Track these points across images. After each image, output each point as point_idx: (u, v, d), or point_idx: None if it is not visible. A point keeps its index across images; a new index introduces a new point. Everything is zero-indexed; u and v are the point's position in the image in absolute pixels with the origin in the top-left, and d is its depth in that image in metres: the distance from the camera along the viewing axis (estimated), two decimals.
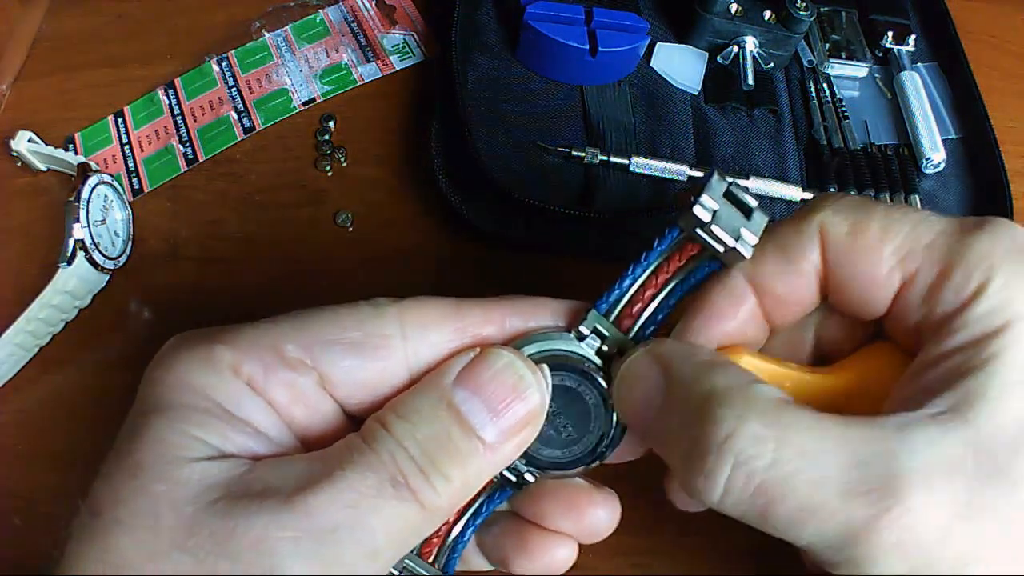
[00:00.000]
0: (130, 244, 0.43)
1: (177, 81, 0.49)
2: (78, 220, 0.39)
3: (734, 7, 0.49)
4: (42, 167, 0.45)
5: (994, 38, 0.57)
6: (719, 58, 0.50)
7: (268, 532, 0.21)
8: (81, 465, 0.37)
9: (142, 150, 0.47)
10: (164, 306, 0.42)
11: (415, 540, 0.24)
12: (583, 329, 0.26)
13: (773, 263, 0.26)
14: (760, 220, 0.25)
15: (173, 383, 0.23)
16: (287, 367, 0.24)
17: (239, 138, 0.47)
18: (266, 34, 0.52)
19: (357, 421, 0.25)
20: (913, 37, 0.53)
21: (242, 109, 0.48)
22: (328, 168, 0.47)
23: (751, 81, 0.49)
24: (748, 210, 0.25)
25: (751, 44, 0.50)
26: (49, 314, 0.39)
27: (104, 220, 0.41)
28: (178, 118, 0.48)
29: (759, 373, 0.25)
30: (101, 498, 0.22)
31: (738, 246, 0.25)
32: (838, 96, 0.51)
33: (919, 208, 0.25)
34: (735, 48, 0.50)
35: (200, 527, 0.21)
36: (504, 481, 0.27)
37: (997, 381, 0.21)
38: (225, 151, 0.47)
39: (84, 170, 0.41)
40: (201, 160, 0.47)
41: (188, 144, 0.47)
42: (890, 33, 0.53)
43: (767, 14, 0.50)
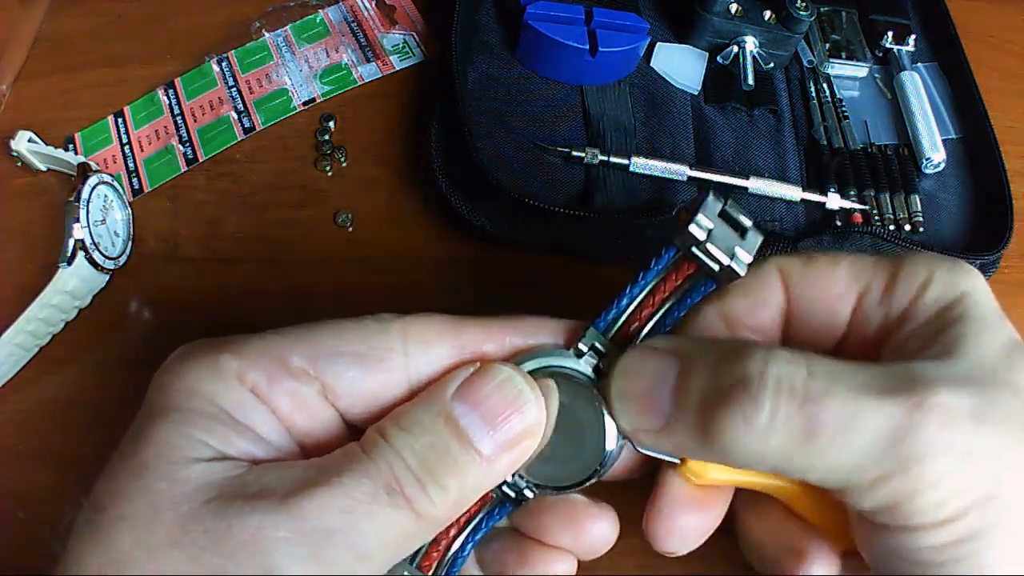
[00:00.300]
0: (130, 244, 0.43)
1: (177, 81, 0.49)
2: (78, 220, 0.39)
3: (734, 7, 0.49)
4: (42, 167, 0.45)
5: (994, 38, 0.57)
6: (719, 58, 0.50)
7: (261, 532, 0.21)
8: (81, 465, 0.37)
9: (142, 150, 0.47)
10: (164, 306, 0.42)
11: (409, 548, 0.24)
12: (581, 346, 0.27)
13: (740, 298, 0.28)
14: (754, 239, 0.26)
15: (180, 388, 0.24)
16: (291, 376, 0.25)
17: (239, 138, 0.47)
18: (266, 34, 0.52)
19: (356, 431, 0.26)
20: (913, 37, 0.53)
21: (242, 109, 0.48)
22: (328, 168, 0.47)
23: (751, 81, 0.49)
24: (743, 229, 0.26)
25: (751, 44, 0.50)
26: (49, 314, 0.39)
27: (104, 220, 0.41)
28: (178, 118, 0.48)
29: None
30: (104, 495, 0.23)
31: (733, 264, 0.25)
32: (838, 96, 0.51)
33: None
34: (735, 48, 0.50)
35: (195, 524, 0.21)
36: (504, 497, 0.27)
37: (970, 330, 0.24)
38: (225, 151, 0.47)
39: (84, 170, 0.41)
40: (201, 160, 0.47)
41: (188, 144, 0.47)
42: (890, 33, 0.53)
43: (767, 14, 0.50)
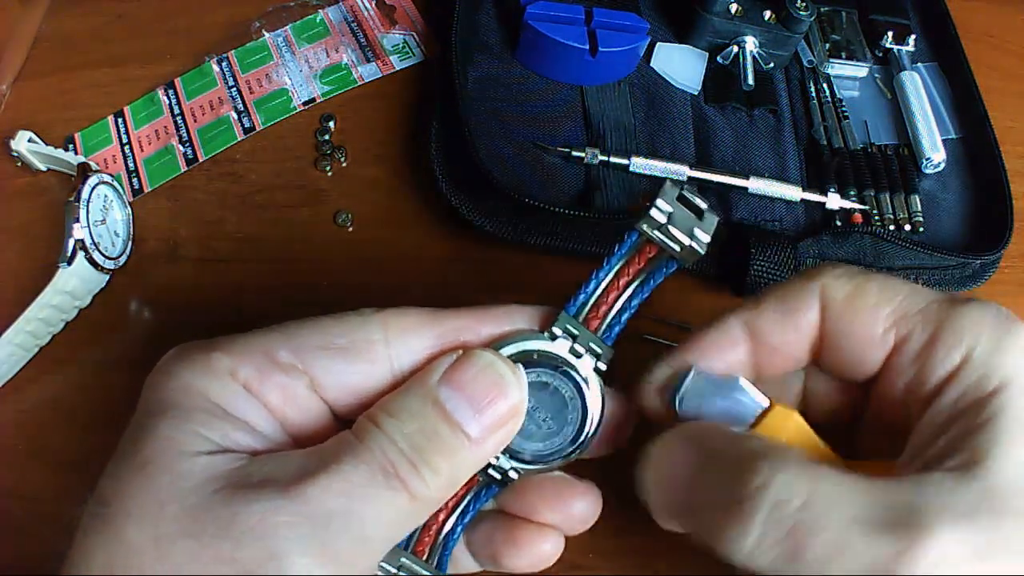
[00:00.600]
0: (130, 244, 0.43)
1: (177, 81, 0.49)
2: (78, 220, 0.39)
3: (734, 7, 0.49)
4: (42, 167, 0.45)
5: (994, 38, 0.57)
6: (719, 58, 0.50)
7: (267, 517, 0.22)
8: (81, 465, 0.37)
9: (142, 150, 0.47)
10: (164, 306, 0.42)
11: (404, 531, 0.26)
12: (555, 330, 0.28)
13: (772, 313, 0.28)
14: (711, 220, 0.27)
15: (175, 387, 0.25)
16: (280, 371, 0.26)
17: (239, 138, 0.47)
18: (266, 34, 0.52)
19: (344, 421, 0.27)
20: (913, 37, 0.53)
21: (242, 109, 0.48)
22: (328, 168, 0.47)
23: (751, 81, 0.49)
24: (700, 212, 0.27)
25: (751, 44, 0.50)
26: (49, 314, 0.39)
27: (104, 220, 0.41)
28: (178, 118, 0.48)
29: (800, 437, 0.27)
30: (109, 492, 0.23)
31: (693, 244, 0.26)
32: (838, 96, 0.51)
33: (911, 282, 0.28)
34: (735, 48, 0.50)
35: (203, 514, 0.22)
36: (489, 479, 0.28)
37: (1000, 437, 0.23)
38: (225, 151, 0.47)
39: (84, 170, 0.41)
40: (201, 160, 0.47)
41: (188, 144, 0.47)
42: (890, 33, 0.53)
43: (767, 14, 0.50)
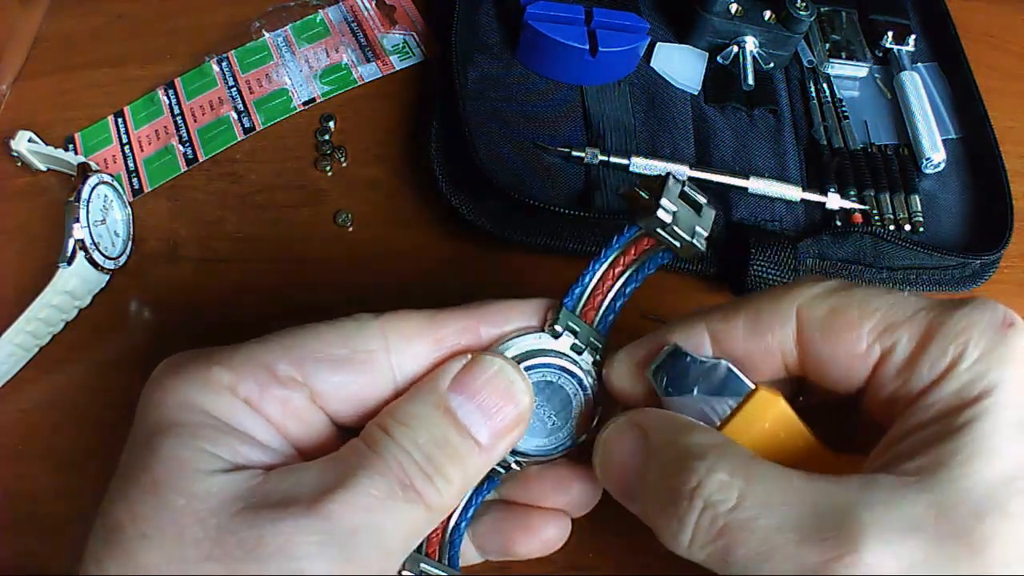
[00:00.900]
0: (130, 244, 0.43)
1: (177, 81, 0.49)
2: (78, 220, 0.39)
3: (734, 7, 0.49)
4: (42, 167, 0.45)
5: (994, 38, 0.57)
6: (719, 58, 0.50)
7: (294, 537, 0.22)
8: (81, 465, 0.37)
9: (142, 150, 0.47)
10: (164, 306, 0.42)
11: (419, 539, 0.26)
12: (557, 327, 0.28)
13: (742, 327, 0.27)
14: (709, 214, 0.27)
15: (176, 403, 0.25)
16: (280, 385, 0.26)
17: (239, 138, 0.47)
18: (266, 34, 0.52)
19: (345, 430, 0.27)
20: (913, 37, 0.53)
21: (242, 109, 0.48)
22: (328, 168, 0.47)
23: (751, 81, 0.49)
24: (699, 207, 0.27)
25: (751, 44, 0.50)
26: (49, 314, 0.39)
27: (104, 220, 0.41)
28: (178, 118, 0.48)
29: (782, 422, 0.26)
30: (120, 515, 0.23)
31: (694, 241, 0.27)
32: (838, 96, 0.51)
33: (896, 290, 0.26)
34: (735, 48, 0.50)
35: (227, 537, 0.22)
36: (492, 472, 0.29)
37: (966, 449, 0.22)
38: (225, 151, 0.47)
39: (84, 170, 0.41)
40: (201, 160, 0.47)
41: (188, 144, 0.47)
42: (890, 33, 0.53)
43: (767, 14, 0.50)
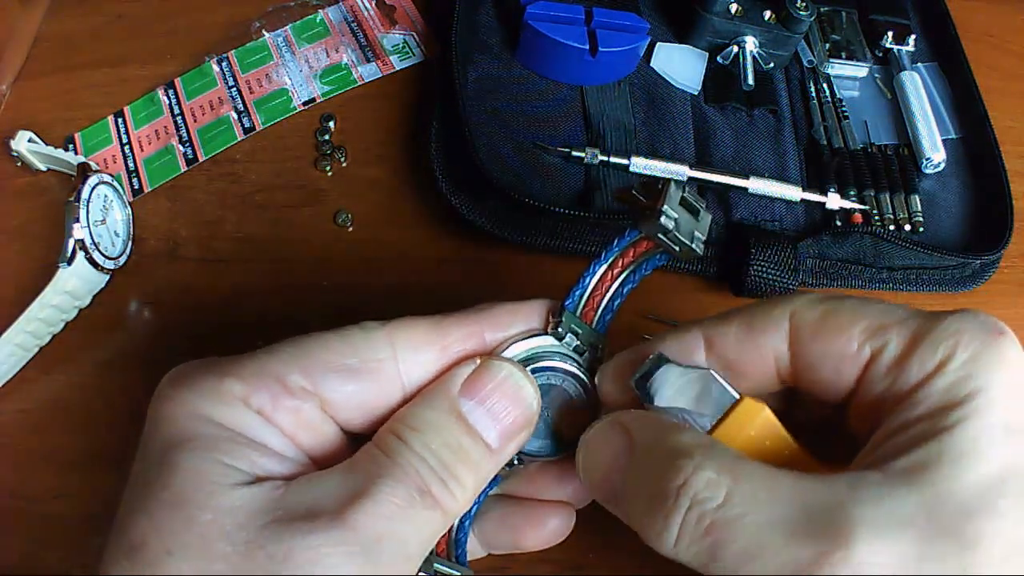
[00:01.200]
0: (130, 244, 0.43)
1: (177, 81, 0.49)
2: (78, 220, 0.39)
3: (734, 7, 0.49)
4: (42, 167, 0.45)
5: (994, 38, 0.57)
6: (719, 58, 0.50)
7: (322, 549, 0.22)
8: (81, 465, 0.37)
9: (142, 150, 0.47)
10: (164, 306, 0.42)
11: (435, 541, 0.26)
12: (561, 330, 0.29)
13: (735, 331, 0.27)
14: (706, 219, 0.28)
15: (190, 416, 0.25)
16: (292, 395, 0.26)
17: (239, 138, 0.47)
18: (266, 34, 0.52)
19: (354, 437, 0.27)
20: (913, 37, 0.53)
21: (242, 109, 0.48)
22: (328, 168, 0.47)
23: (751, 81, 0.49)
24: (697, 212, 0.28)
25: (751, 44, 0.50)
26: (49, 314, 0.39)
27: (104, 220, 0.41)
28: (178, 118, 0.48)
29: (767, 432, 0.26)
30: (143, 531, 0.23)
31: (693, 245, 0.28)
32: (838, 96, 0.51)
33: (884, 301, 0.27)
34: (735, 48, 0.50)
35: (256, 551, 0.22)
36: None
37: (954, 449, 0.22)
38: (225, 151, 0.47)
39: (84, 170, 0.41)
40: (201, 160, 0.47)
41: (188, 144, 0.47)
42: (890, 33, 0.53)
43: (767, 14, 0.50)
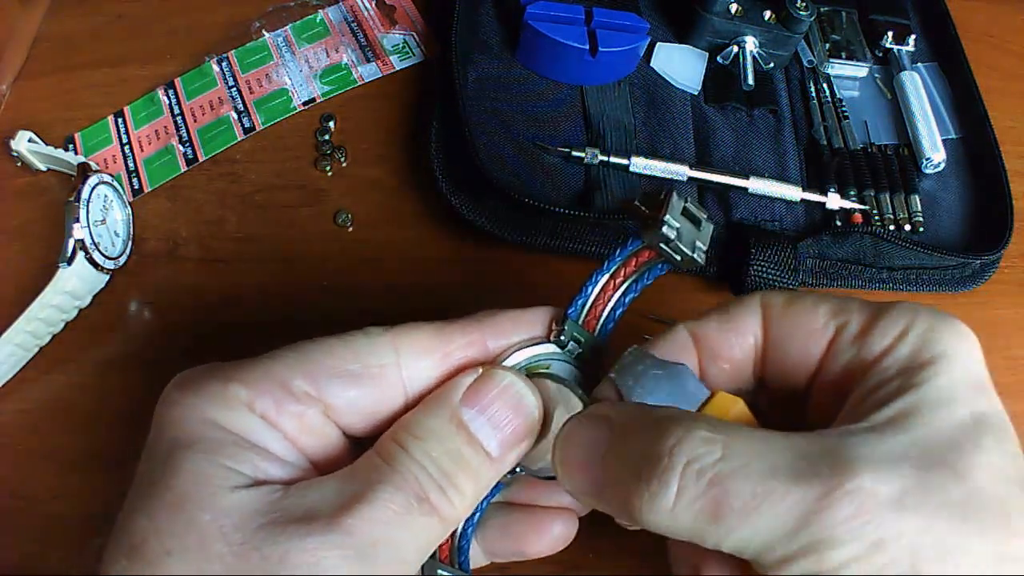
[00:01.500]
0: (130, 244, 0.43)
1: (177, 81, 0.49)
2: (78, 220, 0.39)
3: (734, 7, 0.49)
4: (42, 167, 0.45)
5: (994, 38, 0.57)
6: (719, 58, 0.50)
7: (317, 552, 0.22)
8: (81, 465, 0.37)
9: (142, 150, 0.47)
10: (164, 306, 0.42)
11: (433, 547, 0.26)
12: (564, 338, 0.29)
13: (716, 321, 0.28)
14: (707, 229, 0.29)
15: (195, 419, 0.25)
16: (296, 401, 0.26)
17: (239, 138, 0.47)
18: (266, 34, 0.52)
19: (356, 442, 0.28)
20: (913, 37, 0.53)
21: (242, 109, 0.48)
22: (328, 168, 0.47)
23: (751, 81, 0.49)
24: (699, 221, 0.28)
25: (751, 44, 0.50)
26: (49, 314, 0.39)
27: (104, 220, 0.41)
28: (178, 118, 0.48)
29: (742, 421, 0.26)
30: (143, 531, 0.23)
31: (695, 255, 0.28)
32: (838, 96, 0.51)
33: None
34: (735, 48, 0.50)
35: (251, 552, 0.22)
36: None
37: (930, 398, 0.23)
38: (225, 151, 0.47)
39: (84, 170, 0.41)
40: (201, 160, 0.47)
41: (188, 144, 0.47)
42: (890, 33, 0.53)
43: (767, 14, 0.50)
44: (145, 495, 0.24)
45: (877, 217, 0.46)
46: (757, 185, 0.45)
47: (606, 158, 0.45)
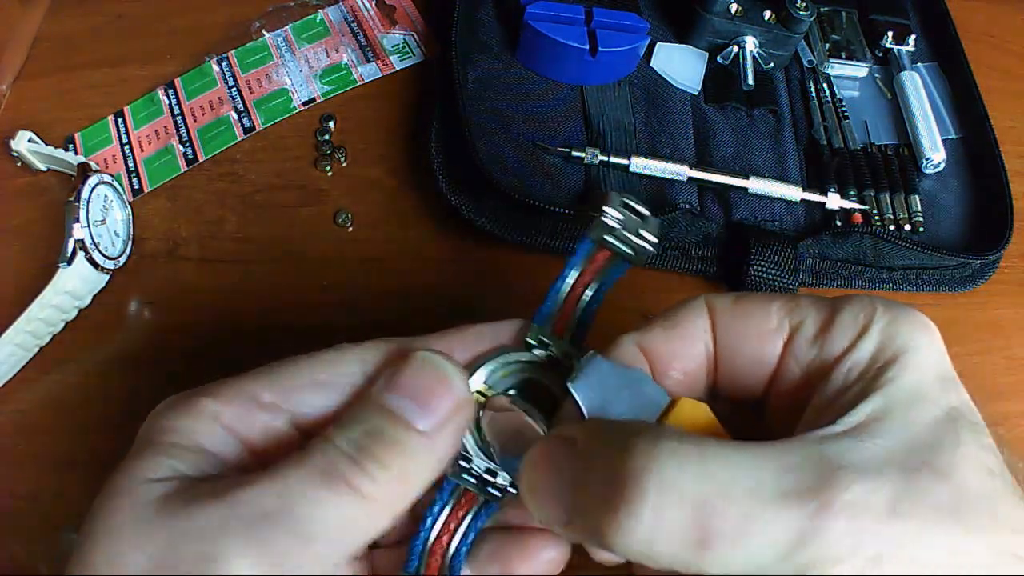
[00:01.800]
0: (130, 244, 0.43)
1: (177, 81, 0.49)
2: (78, 220, 0.39)
3: (734, 7, 0.49)
4: (42, 167, 0.45)
5: (994, 38, 0.57)
6: (719, 58, 0.50)
7: (200, 522, 0.22)
8: (81, 465, 0.37)
9: (142, 150, 0.47)
10: (164, 306, 0.42)
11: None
12: (529, 340, 0.29)
13: (660, 328, 0.27)
14: (655, 221, 0.29)
15: (160, 427, 0.26)
16: (263, 411, 0.26)
17: (239, 138, 0.47)
18: (266, 34, 0.52)
19: None
20: (913, 37, 0.53)
21: (242, 109, 0.48)
22: (328, 168, 0.47)
23: (751, 81, 0.49)
24: (644, 216, 0.29)
25: (751, 44, 0.50)
26: (49, 314, 0.39)
27: (104, 220, 0.41)
28: (178, 118, 0.48)
29: (709, 429, 0.25)
30: (85, 523, 0.24)
31: (643, 243, 0.28)
32: (838, 96, 0.51)
33: None
34: (735, 48, 0.50)
35: (148, 527, 0.23)
36: (489, 497, 0.28)
37: (899, 398, 0.23)
38: (225, 151, 0.47)
39: (84, 170, 0.41)
40: (201, 160, 0.47)
41: (188, 144, 0.47)
42: (890, 33, 0.53)
43: (767, 14, 0.50)
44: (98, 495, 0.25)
45: (877, 217, 0.46)
46: (757, 185, 0.45)
47: (606, 158, 0.45)
